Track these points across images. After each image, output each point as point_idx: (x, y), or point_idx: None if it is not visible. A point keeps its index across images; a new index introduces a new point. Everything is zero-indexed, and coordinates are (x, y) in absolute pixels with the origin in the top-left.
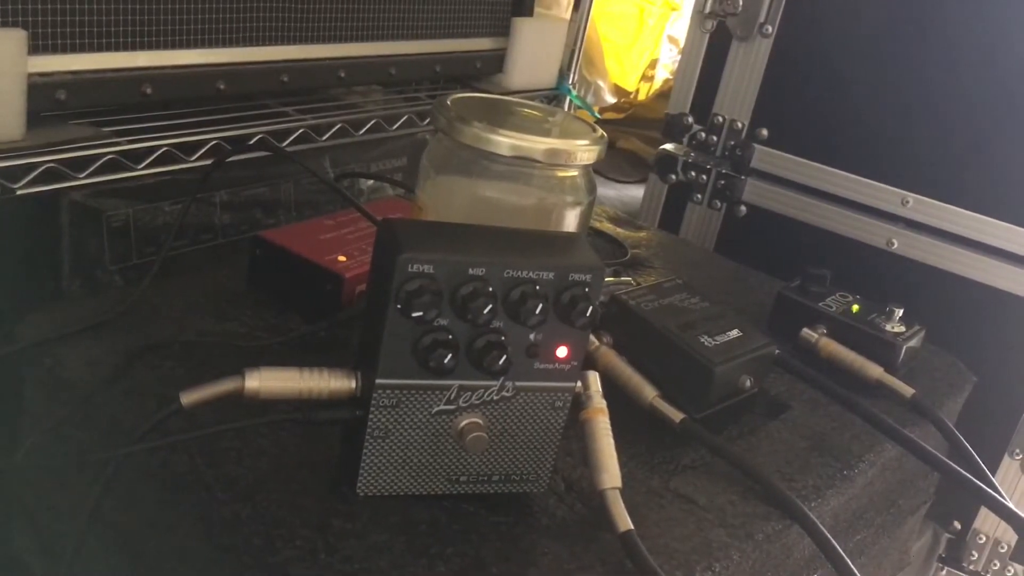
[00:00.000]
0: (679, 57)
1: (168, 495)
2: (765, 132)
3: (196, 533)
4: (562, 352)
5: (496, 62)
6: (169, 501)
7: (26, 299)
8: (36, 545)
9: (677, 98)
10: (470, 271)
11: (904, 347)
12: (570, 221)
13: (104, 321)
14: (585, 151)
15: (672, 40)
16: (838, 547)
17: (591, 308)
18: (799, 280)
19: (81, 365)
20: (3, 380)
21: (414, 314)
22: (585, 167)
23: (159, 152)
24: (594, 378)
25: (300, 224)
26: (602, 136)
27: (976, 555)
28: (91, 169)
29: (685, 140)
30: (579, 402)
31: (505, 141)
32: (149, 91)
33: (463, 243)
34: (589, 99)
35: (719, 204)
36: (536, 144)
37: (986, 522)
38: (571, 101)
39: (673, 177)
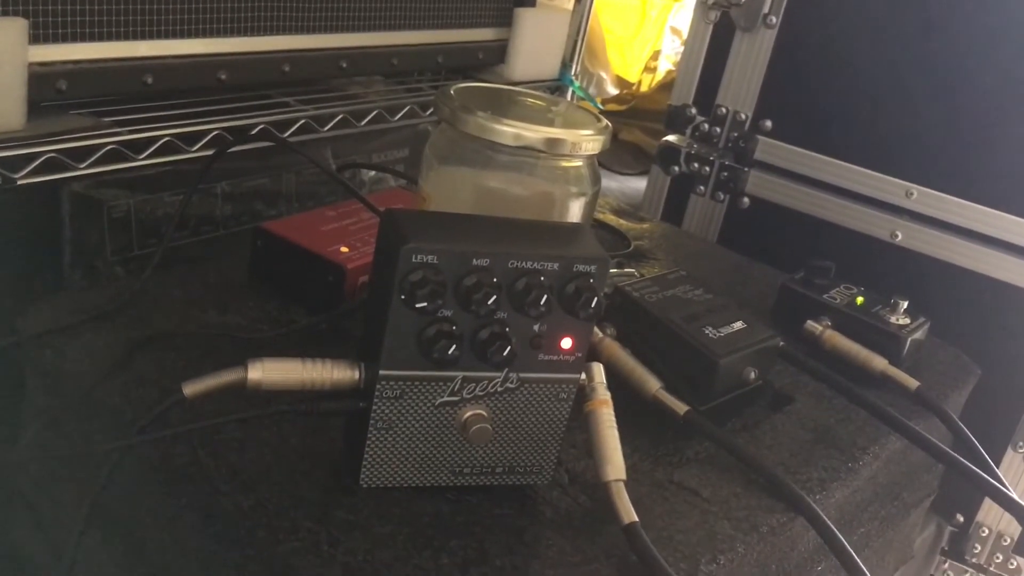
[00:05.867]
0: (682, 48)
1: (170, 487)
2: (769, 123)
3: (198, 525)
4: (566, 343)
5: (498, 53)
6: (171, 493)
7: (27, 290)
8: (37, 536)
9: (680, 89)
10: (474, 261)
11: (908, 339)
12: (574, 212)
13: (105, 312)
14: (589, 141)
15: (675, 31)
16: (843, 539)
17: (596, 299)
18: (803, 272)
19: (82, 356)
20: (4, 371)
21: (418, 305)
22: (589, 157)
23: (160, 142)
24: (598, 369)
25: (302, 215)
26: (606, 126)
27: (979, 548)
28: (92, 159)
29: (688, 131)
30: (583, 394)
31: (509, 131)
32: (150, 81)
33: (467, 233)
34: (591, 90)
35: (722, 196)
36: (540, 134)
37: (989, 515)
38: (574, 92)
39: (676, 169)
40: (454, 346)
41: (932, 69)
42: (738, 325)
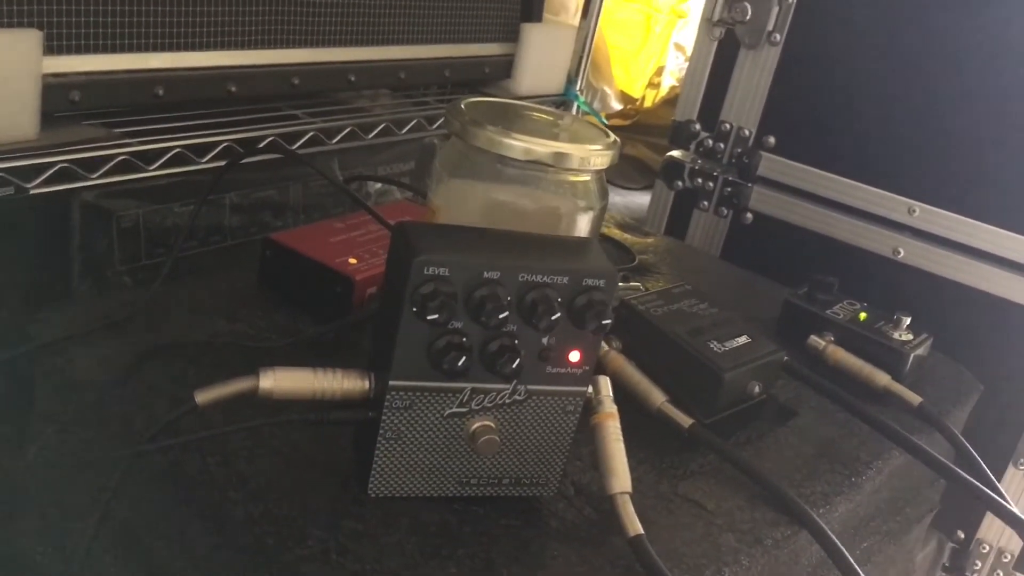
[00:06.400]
0: (686, 64)
1: (180, 494)
2: (772, 140)
3: (207, 532)
4: (574, 356)
5: (505, 67)
6: (180, 500)
7: (37, 299)
8: (46, 544)
9: (684, 105)
10: (485, 274)
11: (911, 355)
12: (582, 226)
13: (116, 321)
14: (598, 156)
15: (679, 47)
16: (847, 553)
17: (604, 313)
18: (806, 287)
19: (92, 365)
20: (14, 379)
21: (429, 316)
22: (598, 172)
23: (171, 153)
24: (605, 382)
25: (310, 226)
26: (615, 141)
27: (980, 565)
28: (103, 170)
29: (692, 147)
30: (590, 406)
31: (518, 145)
32: (161, 93)
33: (478, 246)
34: (596, 105)
35: (725, 211)
36: (549, 148)
37: (990, 531)
38: (579, 107)
39: (680, 184)
40: (464, 358)
41: (934, 87)
42: (742, 339)
